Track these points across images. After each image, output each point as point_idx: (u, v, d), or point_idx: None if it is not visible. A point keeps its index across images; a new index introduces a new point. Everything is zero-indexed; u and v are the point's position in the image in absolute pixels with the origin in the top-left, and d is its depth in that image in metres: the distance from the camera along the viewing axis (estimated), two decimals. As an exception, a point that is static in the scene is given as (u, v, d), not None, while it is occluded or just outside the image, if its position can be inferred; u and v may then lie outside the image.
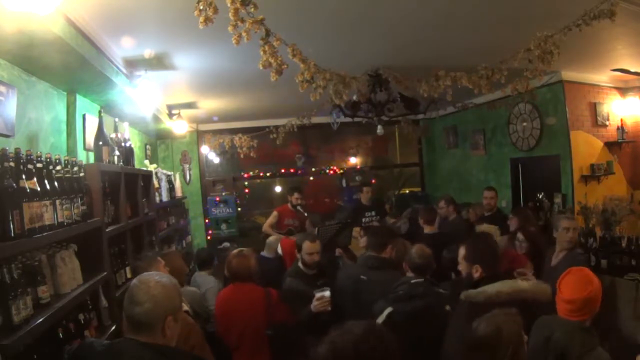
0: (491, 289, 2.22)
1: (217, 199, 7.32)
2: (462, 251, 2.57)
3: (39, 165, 1.94)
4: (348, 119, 4.74)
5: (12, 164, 1.76)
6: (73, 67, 2.75)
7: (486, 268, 2.40)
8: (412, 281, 2.69)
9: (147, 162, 5.32)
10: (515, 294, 2.18)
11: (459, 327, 2.21)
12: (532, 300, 2.20)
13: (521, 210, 4.58)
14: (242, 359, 2.93)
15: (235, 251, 3.17)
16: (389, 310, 2.53)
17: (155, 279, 1.64)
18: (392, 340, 1.49)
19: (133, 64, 3.56)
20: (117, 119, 3.54)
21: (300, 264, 3.39)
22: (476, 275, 2.40)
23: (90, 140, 3.24)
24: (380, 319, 2.49)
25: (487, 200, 4.98)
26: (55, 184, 2.06)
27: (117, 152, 3.26)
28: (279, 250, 4.37)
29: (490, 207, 4.97)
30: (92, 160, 3.27)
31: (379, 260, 3.15)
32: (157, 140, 7.08)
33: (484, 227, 3.92)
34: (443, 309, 2.60)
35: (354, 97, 4.30)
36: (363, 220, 5.92)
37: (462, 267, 2.55)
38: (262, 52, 2.29)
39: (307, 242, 3.32)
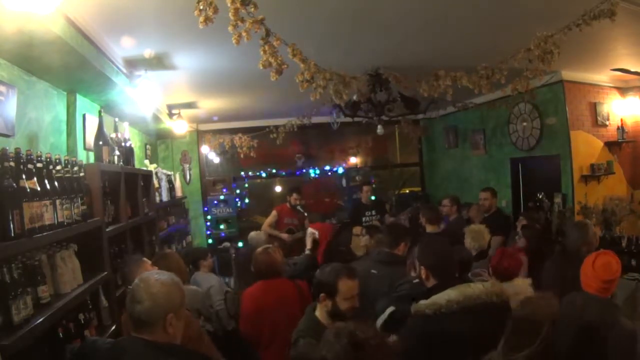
0: (441, 298, 2.13)
1: (216, 201, 7.31)
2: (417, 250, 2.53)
3: (39, 165, 1.94)
4: (348, 119, 4.74)
5: (12, 163, 1.76)
6: (73, 67, 2.75)
7: (437, 275, 2.28)
8: (415, 281, 2.69)
9: (147, 162, 5.32)
10: (466, 300, 2.09)
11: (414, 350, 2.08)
12: (485, 304, 2.08)
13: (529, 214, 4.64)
14: (271, 354, 2.91)
15: (260, 249, 3.13)
16: (390, 309, 2.53)
17: (155, 277, 1.65)
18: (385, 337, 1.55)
19: (133, 64, 3.56)
20: (117, 119, 3.54)
21: (319, 314, 2.24)
22: (423, 277, 2.32)
23: (90, 140, 3.25)
24: (381, 319, 2.49)
25: (482, 201, 4.99)
26: (55, 183, 2.06)
27: (117, 152, 3.27)
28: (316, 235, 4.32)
29: (485, 209, 4.95)
30: (92, 160, 3.27)
31: (391, 256, 3.19)
32: (157, 140, 7.08)
33: (473, 226, 3.91)
34: None
35: (354, 97, 4.31)
36: (363, 219, 5.93)
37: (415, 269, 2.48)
38: (262, 52, 2.29)
39: (344, 280, 2.17)
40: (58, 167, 2.14)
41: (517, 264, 2.86)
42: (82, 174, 2.45)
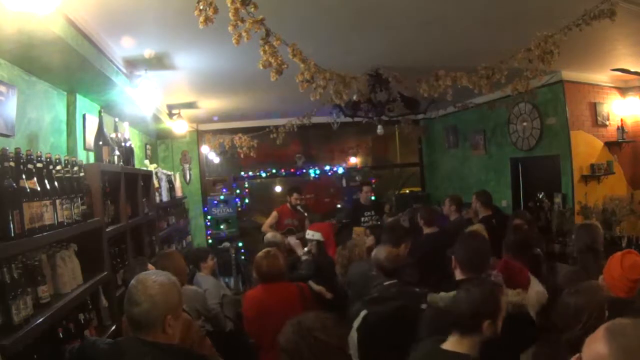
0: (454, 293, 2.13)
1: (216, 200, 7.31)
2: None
3: (39, 165, 1.94)
4: (348, 119, 4.74)
5: (12, 164, 1.76)
6: (73, 67, 2.75)
7: (465, 269, 2.29)
8: (385, 283, 2.68)
9: (147, 162, 5.32)
10: None
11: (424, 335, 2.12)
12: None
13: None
14: (274, 356, 2.91)
15: (262, 253, 3.10)
16: (364, 312, 2.50)
17: (152, 279, 1.63)
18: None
19: (133, 64, 3.56)
20: (117, 119, 3.54)
21: (454, 347, 1.80)
22: (453, 267, 2.34)
23: (90, 140, 3.25)
24: (356, 323, 2.47)
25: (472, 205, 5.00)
26: (55, 183, 2.06)
27: (117, 152, 3.27)
28: (320, 237, 4.31)
29: (473, 213, 4.93)
30: (92, 160, 3.27)
31: None
32: (157, 140, 7.08)
33: (471, 227, 3.95)
34: (419, 308, 2.49)
35: (354, 97, 4.30)
36: (362, 220, 5.92)
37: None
38: (262, 52, 2.29)
39: (505, 293, 1.92)
40: (58, 167, 2.14)
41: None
42: (82, 174, 2.45)
